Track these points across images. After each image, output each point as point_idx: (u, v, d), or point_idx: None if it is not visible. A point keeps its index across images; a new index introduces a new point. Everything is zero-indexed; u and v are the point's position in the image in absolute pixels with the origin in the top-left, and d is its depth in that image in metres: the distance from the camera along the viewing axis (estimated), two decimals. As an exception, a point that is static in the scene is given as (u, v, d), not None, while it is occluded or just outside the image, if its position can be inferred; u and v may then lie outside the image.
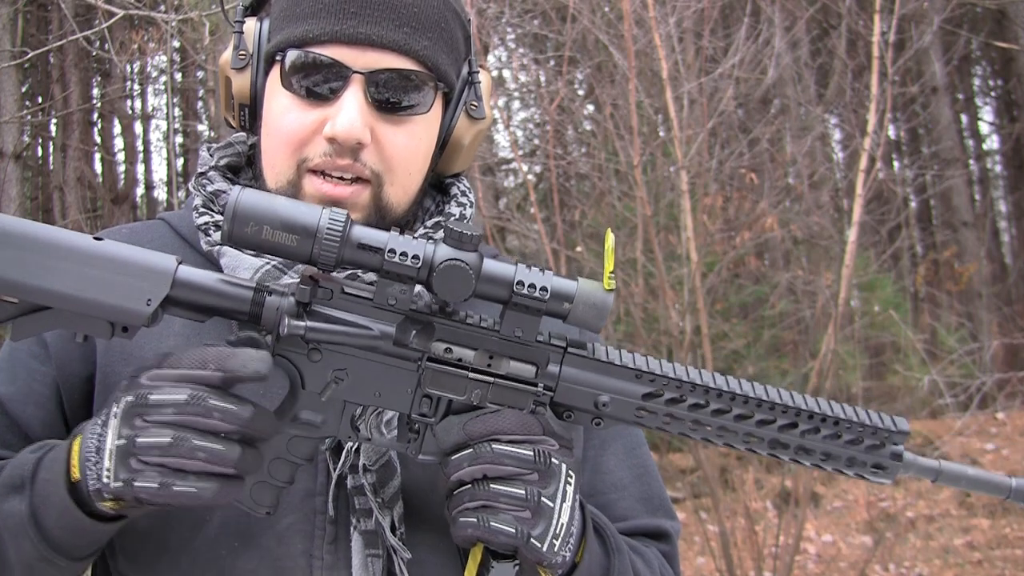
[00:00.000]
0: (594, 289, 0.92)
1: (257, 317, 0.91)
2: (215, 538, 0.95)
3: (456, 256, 0.88)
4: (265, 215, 0.86)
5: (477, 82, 1.16)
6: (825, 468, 0.99)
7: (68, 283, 0.87)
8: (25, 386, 1.06)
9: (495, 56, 8.28)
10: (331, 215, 0.87)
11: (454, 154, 1.17)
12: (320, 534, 1.02)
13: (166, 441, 0.83)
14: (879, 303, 8.03)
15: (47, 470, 0.94)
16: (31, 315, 0.89)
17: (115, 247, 0.89)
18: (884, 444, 0.98)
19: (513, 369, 0.94)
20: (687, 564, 6.19)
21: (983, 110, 16.70)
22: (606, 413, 0.96)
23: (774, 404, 0.96)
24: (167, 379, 0.86)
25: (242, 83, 1.11)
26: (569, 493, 0.91)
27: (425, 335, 0.93)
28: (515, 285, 0.90)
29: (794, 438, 0.96)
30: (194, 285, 0.90)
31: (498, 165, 8.79)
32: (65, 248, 0.88)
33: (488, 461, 0.88)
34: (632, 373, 0.96)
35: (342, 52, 1.03)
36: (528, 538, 0.87)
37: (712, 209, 5.87)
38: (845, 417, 0.97)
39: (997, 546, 6.51)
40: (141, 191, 13.59)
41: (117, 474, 0.85)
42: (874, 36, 4.71)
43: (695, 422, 0.96)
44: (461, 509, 0.89)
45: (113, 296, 0.87)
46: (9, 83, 6.91)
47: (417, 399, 0.94)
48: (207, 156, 1.18)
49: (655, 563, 1.15)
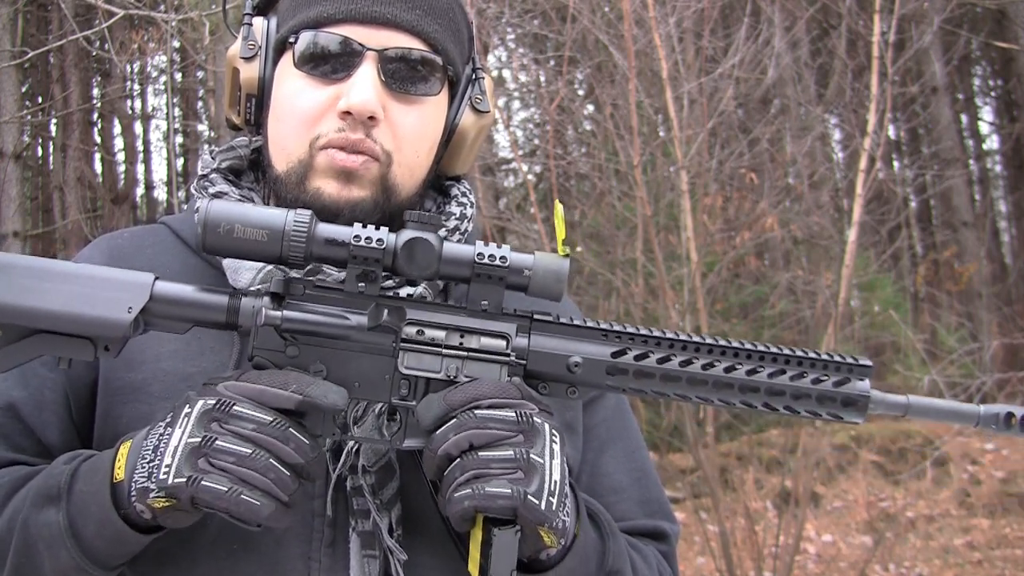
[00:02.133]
0: (551, 257, 0.95)
1: (234, 324, 0.94)
2: (214, 541, 0.96)
3: (417, 233, 0.93)
4: (236, 217, 0.91)
5: (481, 78, 1.17)
6: (798, 412, 1.00)
7: (52, 301, 0.91)
8: (37, 392, 1.07)
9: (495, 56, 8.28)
10: (296, 214, 0.92)
11: (458, 150, 1.18)
12: (318, 536, 1.02)
13: (246, 451, 0.86)
14: (879, 303, 8.04)
15: (85, 481, 0.95)
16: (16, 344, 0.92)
17: (94, 267, 0.95)
18: (849, 379, 1.00)
19: (484, 344, 0.96)
20: (687, 564, 6.19)
21: (983, 110, 16.71)
22: (579, 378, 0.98)
23: (738, 350, 0.99)
24: (245, 392, 0.88)
25: (251, 73, 1.12)
26: (556, 451, 0.91)
27: (397, 318, 0.95)
28: (475, 258, 0.94)
29: (762, 380, 0.98)
30: (172, 297, 0.94)
31: (498, 165, 8.79)
32: (47, 271, 0.93)
33: (472, 427, 0.89)
34: (599, 333, 0.99)
35: (356, 31, 1.05)
36: (525, 496, 0.87)
37: (712, 209, 5.87)
38: (807, 356, 1.00)
39: (997, 546, 6.51)
40: (141, 191, 13.61)
41: (181, 471, 0.86)
42: (874, 36, 4.72)
43: (665, 377, 0.98)
44: (454, 485, 0.89)
45: (96, 308, 0.91)
46: (9, 83, 6.91)
47: (395, 384, 0.95)
48: (208, 159, 1.18)
49: (653, 560, 1.15)
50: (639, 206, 5.07)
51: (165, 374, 1.06)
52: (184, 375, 1.05)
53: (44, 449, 1.06)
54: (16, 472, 1.03)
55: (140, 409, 1.04)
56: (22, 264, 0.93)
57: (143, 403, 1.04)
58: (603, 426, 1.22)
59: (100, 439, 1.07)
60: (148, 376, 1.05)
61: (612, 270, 6.31)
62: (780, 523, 4.87)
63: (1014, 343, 8.81)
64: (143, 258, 1.14)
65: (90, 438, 1.08)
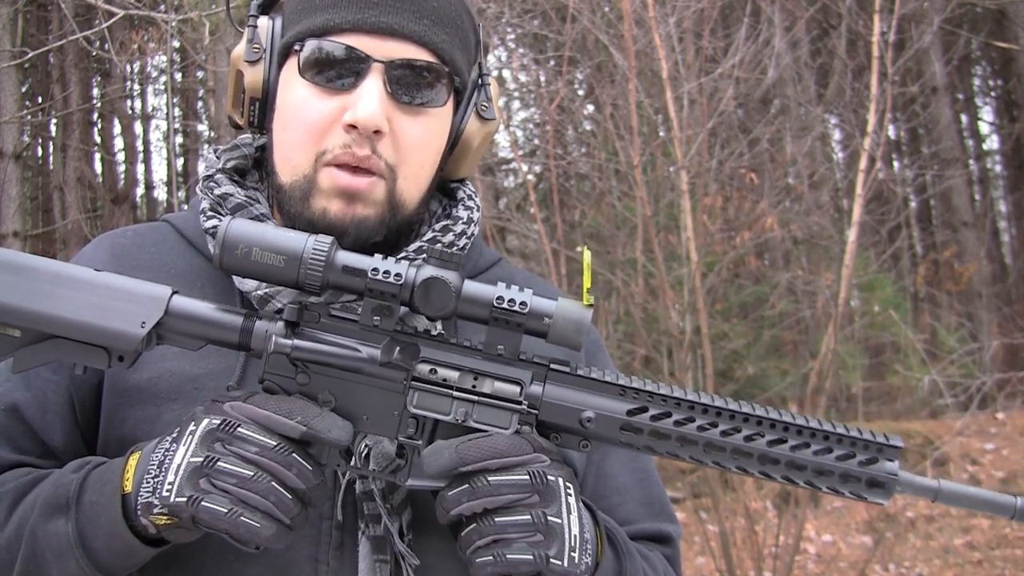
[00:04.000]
0: (573, 306, 0.93)
1: (247, 346, 0.94)
2: (222, 544, 0.95)
3: (437, 273, 0.91)
4: (254, 239, 0.91)
5: (487, 84, 1.17)
6: (820, 487, 0.95)
7: (68, 308, 0.92)
8: (40, 393, 1.07)
9: (495, 56, 8.28)
10: (316, 240, 0.91)
11: (462, 156, 1.17)
12: (326, 539, 1.02)
13: (247, 474, 0.86)
14: (879, 303, 8.03)
15: (94, 491, 0.95)
16: (33, 347, 0.93)
17: (112, 277, 0.94)
18: (877, 459, 0.95)
19: (497, 389, 0.94)
20: (687, 564, 6.20)
21: (983, 110, 16.71)
22: (591, 432, 0.95)
23: (761, 419, 0.94)
24: (250, 416, 0.88)
25: (255, 76, 1.11)
26: (573, 505, 0.91)
27: (410, 355, 0.94)
28: (495, 301, 0.92)
29: (784, 453, 0.94)
30: (186, 314, 0.94)
31: (498, 165, 8.78)
32: (65, 277, 0.93)
33: (486, 494, 0.88)
34: (616, 389, 0.96)
35: (362, 41, 1.04)
36: (547, 560, 0.87)
37: (712, 209, 5.87)
38: (834, 431, 0.95)
39: (997, 546, 6.51)
40: (141, 191, 13.61)
41: (182, 489, 0.86)
42: (874, 36, 4.71)
43: (681, 439, 0.94)
44: (474, 548, 0.89)
45: (110, 320, 0.92)
46: (9, 83, 6.91)
47: (403, 421, 0.94)
48: (213, 158, 1.17)
49: (660, 567, 1.15)
50: (639, 206, 5.07)
51: (171, 374, 1.05)
52: (190, 376, 1.05)
53: (48, 451, 1.06)
54: (21, 477, 1.02)
55: (147, 411, 1.04)
56: (42, 267, 0.93)
57: (149, 404, 1.04)
58: None
59: (105, 441, 1.06)
60: (154, 376, 1.05)
61: (612, 270, 6.31)
62: (780, 523, 4.86)
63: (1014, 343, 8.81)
64: (146, 256, 1.13)
65: (95, 440, 1.08)
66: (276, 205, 1.13)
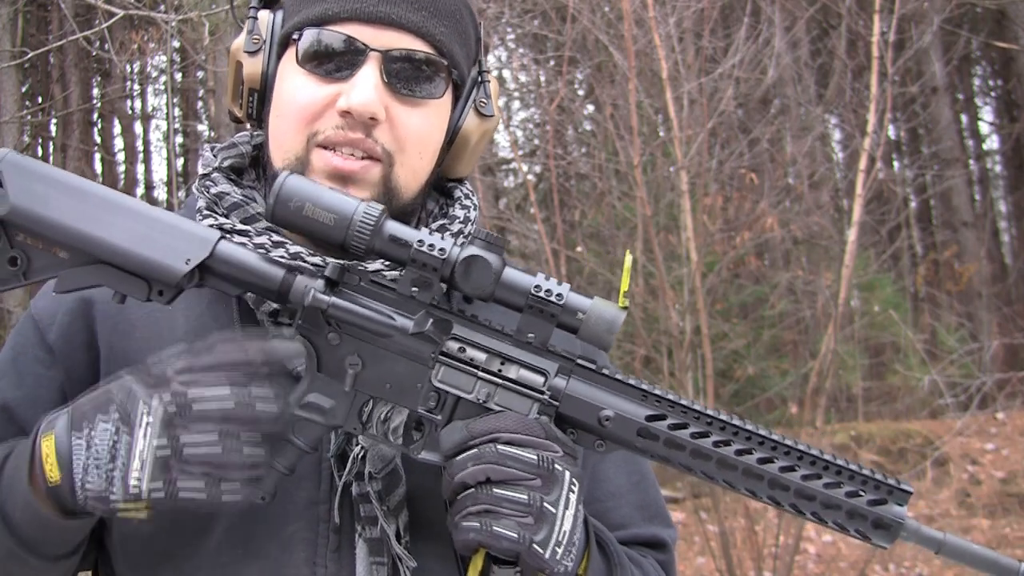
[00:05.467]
0: (608, 306, 0.94)
1: (285, 295, 0.95)
2: (218, 546, 0.95)
3: (480, 252, 0.93)
4: (308, 195, 0.93)
5: (487, 81, 1.17)
6: (825, 521, 0.96)
7: (117, 235, 0.93)
8: (32, 391, 1.06)
9: (495, 56, 8.28)
10: (368, 206, 0.93)
11: (461, 153, 1.17)
12: (324, 542, 1.01)
13: (216, 452, 0.86)
14: (879, 303, 8.03)
15: (12, 465, 0.95)
16: (80, 268, 0.94)
17: (165, 212, 0.96)
18: (886, 501, 0.95)
19: (522, 376, 0.95)
20: (687, 564, 6.20)
21: (983, 110, 16.69)
22: (608, 432, 0.95)
23: (776, 444, 0.95)
24: (200, 367, 0.88)
25: (254, 67, 1.11)
26: (572, 501, 0.91)
27: (442, 329, 0.95)
28: (532, 289, 0.93)
29: (794, 481, 0.94)
30: (231, 259, 0.95)
31: (498, 165, 8.79)
32: (119, 205, 0.95)
33: (491, 462, 0.88)
34: (639, 393, 0.96)
35: (360, 30, 1.05)
36: (530, 544, 0.87)
37: (712, 209, 5.87)
38: (847, 466, 0.95)
39: (997, 546, 6.51)
40: (141, 191, 13.59)
41: (155, 478, 0.86)
42: (874, 36, 4.71)
43: (695, 453, 0.95)
44: (464, 514, 0.88)
45: (155, 252, 0.93)
46: (9, 83, 6.91)
47: (426, 395, 0.95)
48: (210, 157, 1.17)
49: (653, 574, 1.15)
50: (639, 206, 5.07)
51: None
52: None
53: None
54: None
55: None
56: (98, 193, 0.95)
57: None
58: None
59: None
60: None
61: (612, 270, 6.31)
62: (780, 523, 4.86)
63: (1014, 343, 8.81)
64: None
65: None
66: None
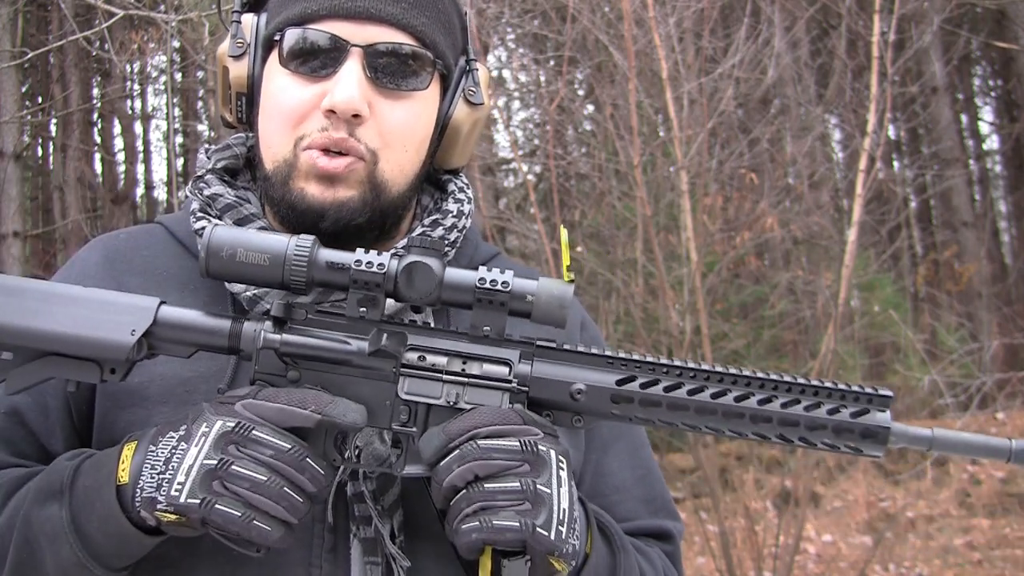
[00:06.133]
0: (554, 283, 0.94)
1: (236, 349, 0.96)
2: (215, 548, 0.96)
3: (418, 258, 0.93)
4: (238, 242, 0.93)
5: (475, 69, 1.16)
6: (815, 443, 0.96)
7: (58, 323, 0.94)
8: (41, 399, 1.07)
9: (495, 56, 8.28)
10: (298, 239, 0.93)
11: (453, 143, 1.17)
12: (319, 542, 1.02)
13: (261, 478, 0.87)
14: (879, 303, 8.03)
15: (88, 476, 0.95)
16: (27, 366, 0.95)
17: (100, 291, 0.97)
18: (868, 410, 0.95)
19: (486, 371, 0.95)
20: (687, 564, 6.19)
21: (983, 110, 16.69)
22: (583, 405, 0.96)
23: (750, 379, 0.95)
24: (263, 412, 0.89)
25: (240, 71, 1.11)
26: (564, 478, 0.90)
27: (397, 343, 0.95)
28: (477, 283, 0.93)
29: (775, 410, 0.94)
30: (175, 322, 0.96)
31: (498, 165, 8.79)
32: (54, 294, 0.96)
33: (476, 458, 0.88)
34: (603, 361, 0.97)
35: (340, 27, 1.05)
36: (534, 528, 0.86)
37: (712, 209, 5.87)
38: (822, 385, 0.96)
39: (997, 546, 6.51)
40: (141, 191, 13.59)
41: (194, 492, 0.87)
42: (874, 36, 4.71)
43: (672, 405, 0.95)
44: (461, 516, 0.88)
45: (99, 331, 0.94)
46: (9, 83, 6.91)
47: (396, 410, 0.95)
48: (204, 158, 1.17)
49: (659, 563, 1.15)
50: (639, 206, 5.07)
51: (162, 378, 1.05)
52: (181, 379, 1.05)
53: (48, 456, 1.06)
54: (16, 472, 1.03)
55: (137, 414, 1.04)
56: (32, 288, 0.96)
57: (140, 407, 1.04)
58: (606, 425, 1.21)
59: (98, 444, 1.06)
60: (145, 380, 1.05)
61: (612, 270, 6.31)
62: (780, 523, 4.86)
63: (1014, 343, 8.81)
64: (139, 259, 1.14)
65: (90, 445, 1.07)
66: (267, 203, 1.14)
